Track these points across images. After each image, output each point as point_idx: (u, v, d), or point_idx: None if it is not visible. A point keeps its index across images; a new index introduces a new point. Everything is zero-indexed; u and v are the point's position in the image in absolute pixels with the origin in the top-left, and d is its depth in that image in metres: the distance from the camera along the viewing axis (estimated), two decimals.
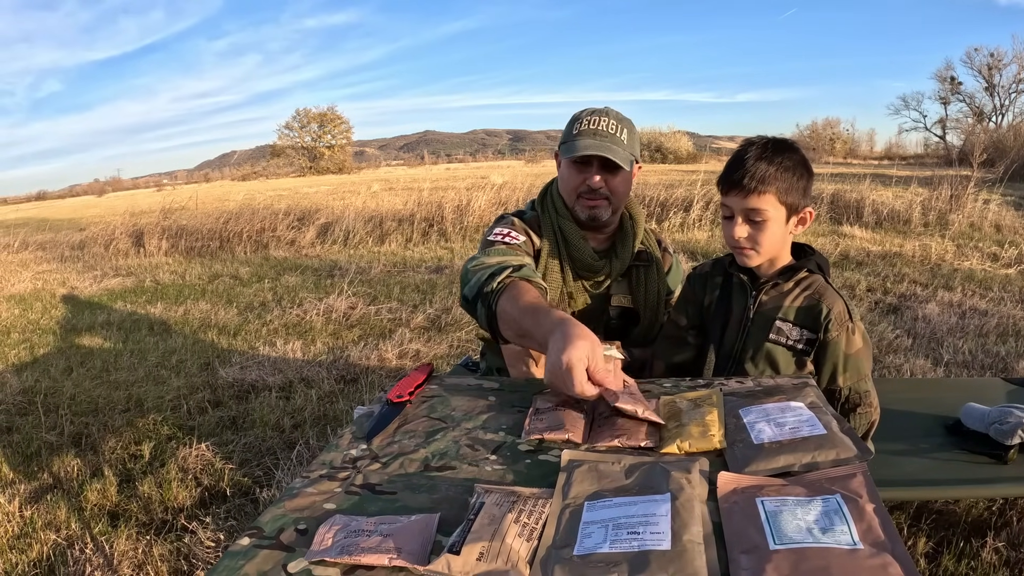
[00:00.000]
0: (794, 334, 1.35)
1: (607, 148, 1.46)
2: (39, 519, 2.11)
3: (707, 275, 1.50)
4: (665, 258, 1.67)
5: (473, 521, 0.68)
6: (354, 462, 0.88)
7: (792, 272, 1.37)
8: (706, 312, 1.48)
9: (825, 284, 1.37)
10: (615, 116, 1.52)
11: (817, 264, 1.40)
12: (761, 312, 1.38)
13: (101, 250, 8.42)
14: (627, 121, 1.53)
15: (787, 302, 1.36)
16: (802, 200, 1.32)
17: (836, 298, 1.34)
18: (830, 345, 1.32)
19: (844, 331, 1.32)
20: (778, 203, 1.30)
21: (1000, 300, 4.23)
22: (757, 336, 1.38)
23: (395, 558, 0.65)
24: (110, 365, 3.73)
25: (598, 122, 1.48)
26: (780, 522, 0.70)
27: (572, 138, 1.49)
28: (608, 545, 0.66)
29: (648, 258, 1.61)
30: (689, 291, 1.52)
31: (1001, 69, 29.22)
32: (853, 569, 0.63)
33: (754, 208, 1.30)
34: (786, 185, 1.29)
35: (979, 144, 11.07)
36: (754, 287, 1.40)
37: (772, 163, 1.28)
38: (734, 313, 1.42)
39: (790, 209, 1.32)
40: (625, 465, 0.81)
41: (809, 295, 1.35)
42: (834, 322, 1.31)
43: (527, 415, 0.99)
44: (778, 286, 1.38)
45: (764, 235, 1.32)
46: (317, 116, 42.98)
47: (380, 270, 6.13)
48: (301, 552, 0.69)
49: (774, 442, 0.87)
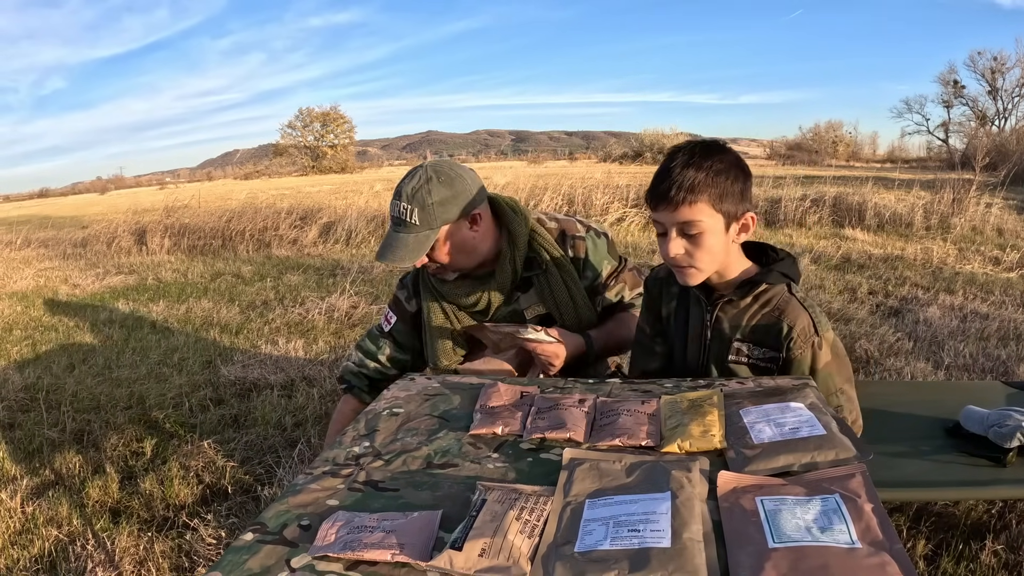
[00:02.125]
0: (755, 353, 1.27)
1: (389, 248, 1.44)
2: (41, 515, 2.12)
3: (663, 282, 1.41)
4: (577, 246, 1.58)
5: (475, 518, 0.68)
6: (357, 459, 0.89)
7: (751, 287, 1.27)
8: (665, 323, 1.41)
9: (788, 297, 1.26)
10: (407, 194, 1.43)
11: (781, 273, 1.28)
12: (718, 330, 1.30)
13: (103, 248, 8.44)
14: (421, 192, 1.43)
15: (744, 320, 1.27)
16: (740, 205, 1.21)
17: (799, 312, 1.23)
18: (794, 363, 1.23)
19: (809, 348, 1.22)
20: (713, 211, 1.19)
21: (1001, 303, 4.23)
22: (718, 353, 1.30)
23: (397, 554, 0.65)
24: (112, 362, 3.74)
25: (396, 207, 1.45)
26: (779, 521, 0.71)
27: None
28: (609, 542, 0.67)
29: (539, 263, 1.55)
30: (648, 299, 1.45)
31: (1004, 73, 29.16)
32: (851, 568, 0.63)
33: (687, 220, 1.18)
34: (719, 191, 1.18)
35: (982, 148, 11.05)
36: (709, 302, 1.31)
37: (701, 169, 1.17)
38: (692, 328, 1.34)
39: (727, 216, 1.20)
40: (626, 464, 0.82)
41: (768, 312, 1.25)
42: (796, 340, 1.22)
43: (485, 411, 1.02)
44: (734, 302, 1.28)
45: (702, 250, 1.21)
46: (320, 115, 43.00)
47: (382, 270, 6.13)
48: (304, 547, 0.69)
49: (774, 442, 0.87)
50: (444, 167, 1.48)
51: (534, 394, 1.07)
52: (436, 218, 1.43)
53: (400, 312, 1.70)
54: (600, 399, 1.04)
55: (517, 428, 0.95)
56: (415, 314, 1.68)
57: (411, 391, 1.16)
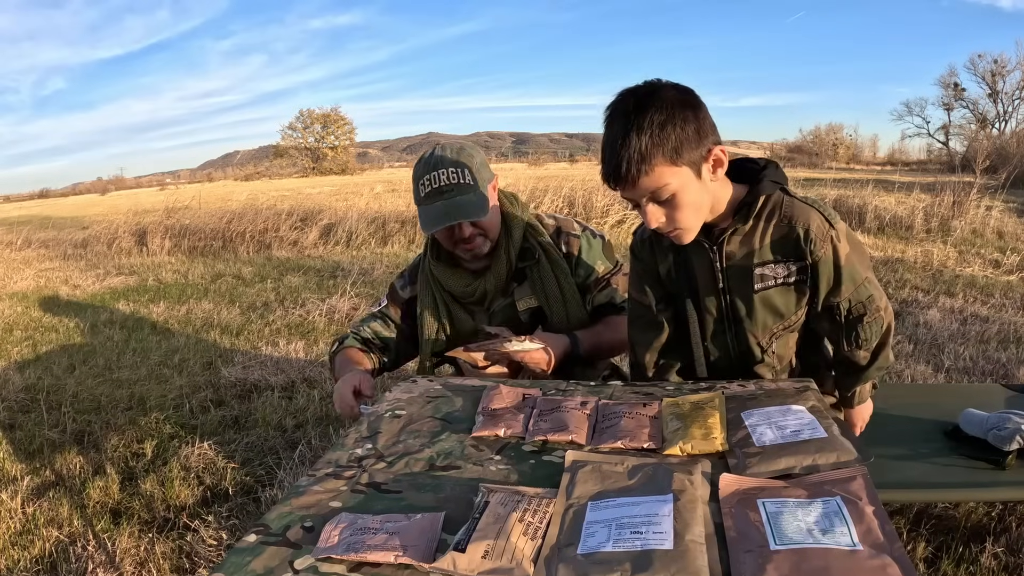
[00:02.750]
0: (781, 271, 1.19)
1: (459, 208, 1.43)
2: (41, 516, 2.12)
3: (651, 242, 1.31)
4: (571, 243, 1.58)
5: (478, 520, 0.69)
6: (360, 461, 0.89)
7: (748, 208, 1.18)
8: (666, 281, 1.31)
9: (789, 200, 1.19)
10: (451, 161, 1.46)
11: (772, 181, 1.19)
12: (733, 265, 1.21)
13: (104, 248, 8.45)
14: (464, 155, 1.48)
15: (757, 242, 1.18)
16: (700, 146, 1.09)
17: (808, 211, 1.16)
18: (820, 264, 1.16)
19: (829, 243, 1.15)
20: (675, 168, 1.07)
21: (1001, 306, 4.23)
22: (742, 291, 1.21)
23: (401, 555, 0.66)
24: (113, 363, 3.75)
25: (438, 178, 1.44)
26: (781, 523, 0.71)
27: (423, 202, 1.48)
28: (611, 544, 0.67)
29: (533, 255, 1.55)
30: (639, 264, 1.34)
31: (1005, 76, 29.20)
32: (853, 569, 0.64)
33: (652, 189, 1.08)
34: (672, 145, 1.05)
35: (982, 150, 11.07)
36: (711, 243, 1.21)
37: (642, 131, 1.04)
38: (700, 277, 1.24)
39: (692, 165, 1.09)
40: (628, 466, 0.82)
41: (777, 223, 1.17)
42: (816, 240, 1.15)
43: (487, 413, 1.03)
44: (738, 230, 1.19)
45: (681, 210, 1.11)
46: (321, 117, 43.07)
47: (383, 271, 6.14)
48: (308, 549, 0.70)
49: (775, 445, 0.88)
50: (460, 141, 1.56)
51: (536, 396, 1.07)
52: (484, 179, 1.49)
53: (393, 297, 1.74)
54: (602, 401, 1.04)
55: (519, 430, 0.96)
56: (408, 300, 1.71)
57: (413, 393, 1.16)
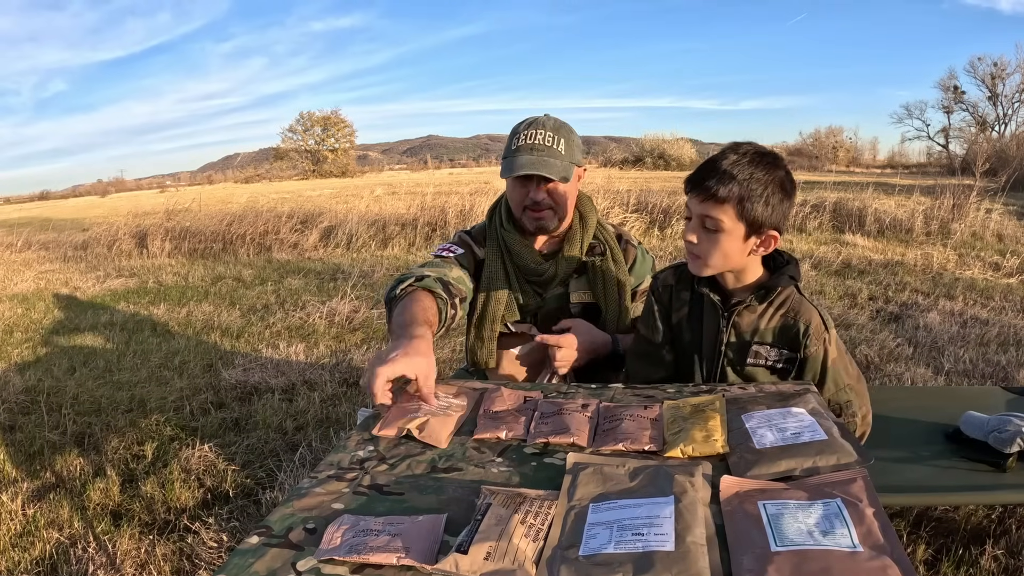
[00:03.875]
0: (772, 355, 1.29)
1: (544, 164, 1.46)
2: (42, 518, 2.12)
3: (672, 289, 1.41)
4: (628, 251, 1.64)
5: (480, 521, 0.69)
6: (361, 463, 0.89)
7: (768, 292, 1.28)
8: (676, 329, 1.40)
9: (799, 297, 1.30)
10: (552, 127, 1.51)
11: (790, 276, 1.30)
12: (738, 336, 1.31)
13: (104, 250, 8.44)
14: (564, 129, 1.53)
15: (763, 324, 1.29)
16: (768, 220, 1.21)
17: (811, 311, 1.27)
18: (809, 360, 1.26)
19: (822, 344, 1.26)
20: (736, 218, 1.20)
21: (1001, 309, 4.24)
22: (735, 360, 1.31)
23: (403, 557, 0.66)
24: (113, 365, 3.75)
25: (534, 136, 1.48)
26: (781, 525, 0.71)
27: (511, 154, 1.50)
28: (613, 546, 0.67)
29: (601, 250, 1.60)
30: (657, 305, 1.42)
31: (1004, 79, 29.22)
32: (853, 571, 0.64)
33: (709, 215, 1.21)
34: (750, 201, 1.18)
35: (982, 153, 11.07)
36: (726, 308, 1.31)
37: (742, 174, 1.18)
38: (706, 335, 1.34)
39: (750, 227, 1.21)
40: (629, 468, 0.82)
41: (784, 313, 1.28)
42: (812, 337, 1.25)
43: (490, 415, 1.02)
44: (752, 307, 1.29)
45: (714, 247, 1.23)
46: (321, 119, 43.05)
47: (383, 274, 6.14)
48: (310, 551, 0.70)
49: (776, 447, 0.88)
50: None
51: (537, 399, 1.07)
52: (575, 155, 1.53)
53: (465, 246, 1.64)
54: (603, 404, 1.05)
55: (521, 433, 0.96)
56: (480, 262, 1.63)
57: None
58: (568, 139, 1.52)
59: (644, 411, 0.99)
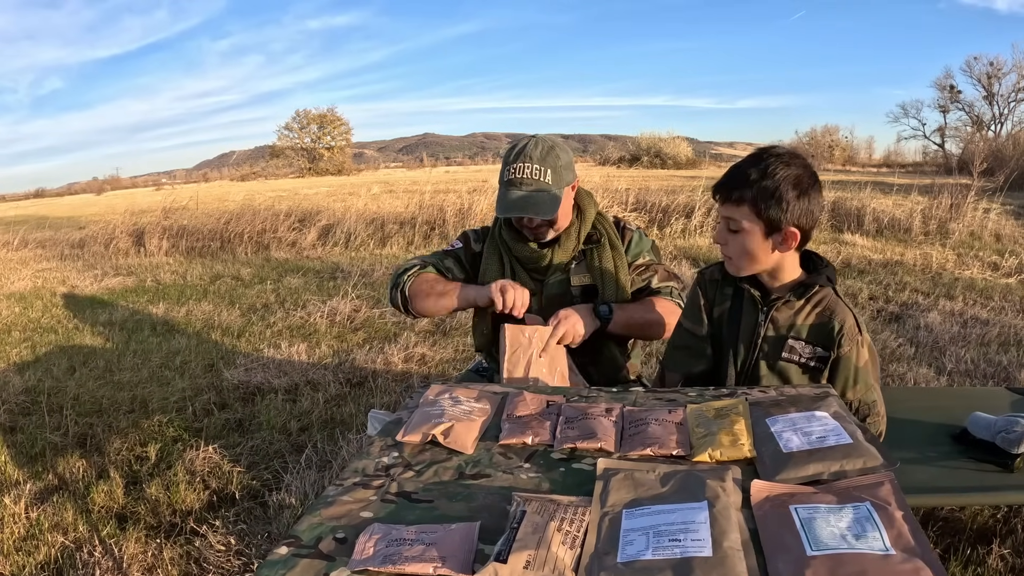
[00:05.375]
0: (806, 351, 1.33)
1: (532, 204, 1.58)
2: (46, 521, 2.11)
3: (717, 284, 1.46)
4: (625, 234, 1.75)
5: (517, 529, 0.68)
6: (387, 470, 0.88)
7: (805, 289, 1.33)
8: (717, 322, 1.45)
9: (835, 298, 1.34)
10: (539, 157, 1.60)
11: (827, 277, 1.36)
12: (774, 330, 1.35)
13: (101, 249, 8.40)
14: (551, 157, 1.61)
15: (800, 320, 1.33)
16: (784, 218, 1.25)
17: (846, 312, 1.31)
18: (842, 360, 1.30)
19: (855, 345, 1.30)
20: (754, 217, 1.26)
21: (1001, 309, 4.25)
22: (770, 354, 1.35)
23: (439, 567, 0.65)
24: (113, 365, 3.73)
25: (522, 170, 1.58)
26: (815, 528, 0.72)
27: (503, 186, 1.62)
28: (651, 552, 0.67)
29: (599, 238, 1.70)
30: (701, 298, 1.47)
31: (1000, 78, 29.30)
32: (887, 574, 0.64)
33: (729, 217, 1.29)
34: (765, 201, 1.24)
35: (979, 153, 11.11)
36: (765, 303, 1.36)
37: (760, 175, 1.24)
38: (744, 328, 1.39)
39: (768, 225, 1.27)
40: (660, 473, 0.82)
41: (820, 311, 1.33)
42: (846, 337, 1.29)
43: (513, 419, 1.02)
44: (790, 303, 1.34)
45: (737, 246, 1.30)
46: (317, 117, 42.93)
47: (383, 273, 6.13)
48: (342, 561, 0.69)
49: (802, 451, 0.88)
50: (555, 139, 1.67)
51: (560, 403, 1.07)
52: (563, 180, 1.62)
53: (465, 243, 1.83)
54: (626, 408, 1.04)
55: (547, 438, 0.95)
56: (476, 255, 1.80)
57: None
58: (555, 167, 1.60)
59: (668, 415, 0.99)
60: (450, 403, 1.04)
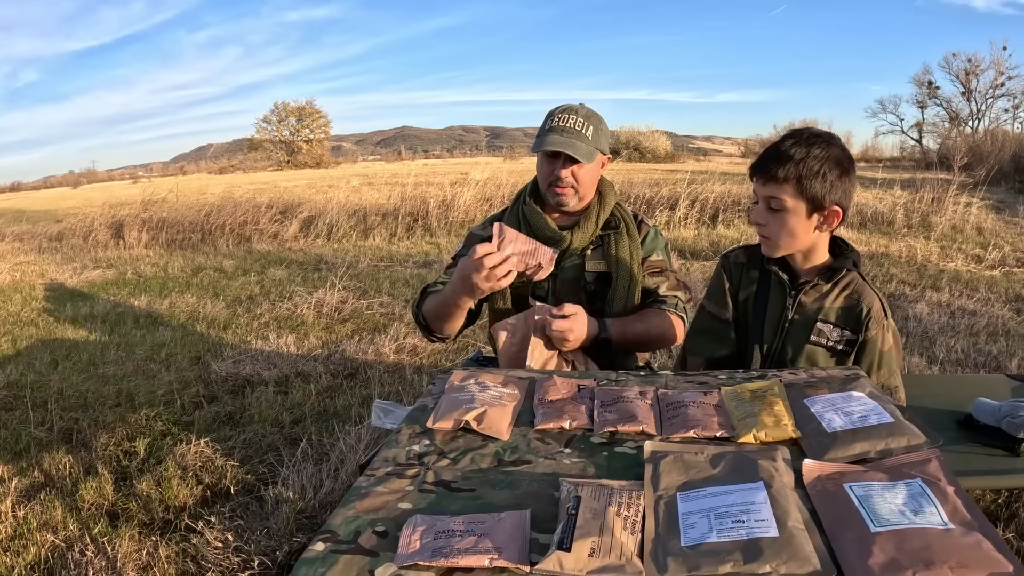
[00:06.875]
0: (835, 335, 1.32)
1: (570, 145, 1.57)
2: (34, 519, 2.03)
3: (743, 267, 1.44)
4: (642, 228, 1.74)
5: (575, 516, 0.65)
6: (420, 458, 0.84)
7: (833, 273, 1.33)
8: (742, 306, 1.43)
9: (862, 282, 1.33)
10: (584, 113, 1.63)
11: (854, 262, 1.36)
12: (801, 313, 1.34)
13: (80, 242, 8.21)
14: (595, 118, 1.65)
15: (828, 303, 1.33)
16: (828, 196, 1.26)
17: (873, 296, 1.31)
18: (868, 344, 1.29)
19: (881, 329, 1.29)
20: (797, 195, 1.26)
21: (988, 300, 4.31)
22: (797, 337, 1.34)
23: (496, 558, 0.61)
24: (97, 358, 3.63)
25: (566, 119, 1.61)
26: (873, 505, 0.71)
27: (543, 132, 1.63)
28: (716, 535, 0.65)
29: (616, 224, 1.69)
30: (727, 282, 1.46)
31: (978, 75, 29.70)
32: (950, 547, 0.64)
33: (772, 196, 1.28)
34: (808, 179, 1.24)
35: (959, 148, 11.27)
36: (793, 286, 1.35)
37: (799, 154, 1.24)
38: (771, 312, 1.37)
39: (812, 204, 1.27)
40: (708, 455, 0.79)
41: (848, 295, 1.32)
42: (874, 320, 1.29)
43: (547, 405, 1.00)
44: (818, 286, 1.34)
45: (780, 227, 1.29)
46: (295, 110, 42.35)
47: (368, 264, 6.06)
48: (387, 556, 0.65)
49: (846, 430, 0.87)
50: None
51: (591, 387, 1.04)
52: (602, 143, 1.64)
53: (471, 243, 1.76)
54: (660, 391, 1.01)
55: (585, 422, 0.92)
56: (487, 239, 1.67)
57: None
58: (597, 127, 1.63)
59: (704, 397, 0.97)
60: (478, 388, 1.00)
